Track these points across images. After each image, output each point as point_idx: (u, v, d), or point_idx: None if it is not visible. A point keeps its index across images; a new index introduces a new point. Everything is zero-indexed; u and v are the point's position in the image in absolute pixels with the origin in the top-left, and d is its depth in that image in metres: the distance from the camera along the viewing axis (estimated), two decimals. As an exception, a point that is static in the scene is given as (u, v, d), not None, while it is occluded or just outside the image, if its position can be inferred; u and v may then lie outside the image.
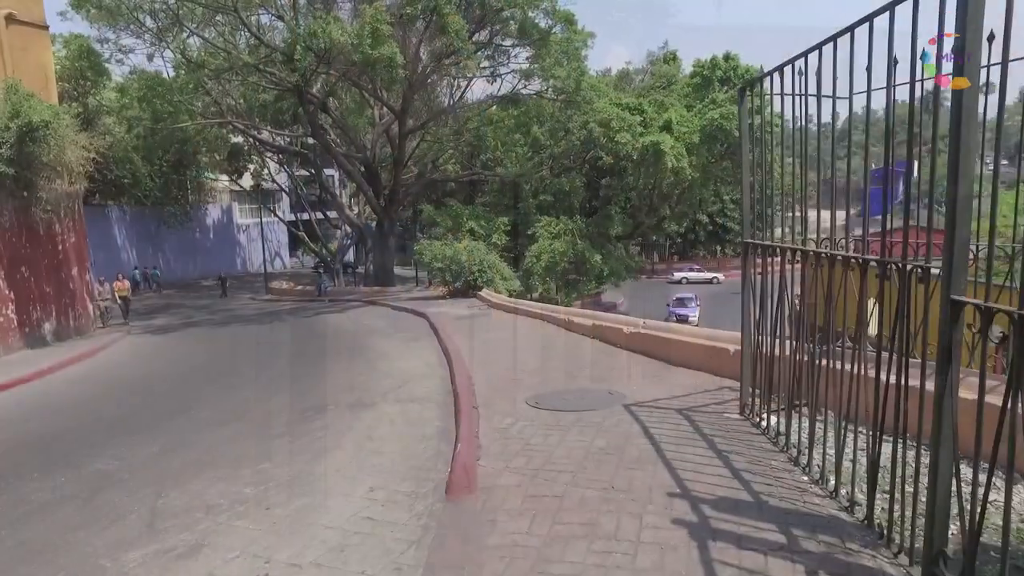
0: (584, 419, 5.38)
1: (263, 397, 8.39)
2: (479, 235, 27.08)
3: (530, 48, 27.78)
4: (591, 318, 10.36)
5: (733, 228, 60.22)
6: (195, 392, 9.26)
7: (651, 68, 38.15)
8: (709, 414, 5.29)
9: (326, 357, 11.80)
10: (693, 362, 7.12)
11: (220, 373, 10.94)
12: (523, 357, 8.79)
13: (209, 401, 8.42)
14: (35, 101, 15.77)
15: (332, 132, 32.86)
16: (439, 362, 9.78)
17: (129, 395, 9.53)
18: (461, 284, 21.35)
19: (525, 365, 8.22)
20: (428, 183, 33.08)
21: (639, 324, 8.80)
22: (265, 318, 21.66)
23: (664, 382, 6.60)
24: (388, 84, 22.09)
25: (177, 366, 12.60)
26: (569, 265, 28.89)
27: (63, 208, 18.48)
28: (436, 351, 10.98)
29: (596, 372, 7.43)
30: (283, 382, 9.42)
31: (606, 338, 9.46)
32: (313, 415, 6.96)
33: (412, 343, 12.45)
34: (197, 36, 22.40)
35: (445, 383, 7.92)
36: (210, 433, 6.64)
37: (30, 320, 16.69)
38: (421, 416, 6.44)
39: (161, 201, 37.14)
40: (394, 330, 15.41)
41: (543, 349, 9.34)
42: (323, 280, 29.57)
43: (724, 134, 25.92)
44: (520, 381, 7.17)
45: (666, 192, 30.05)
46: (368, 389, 8.23)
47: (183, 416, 7.54)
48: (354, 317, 19.76)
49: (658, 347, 7.93)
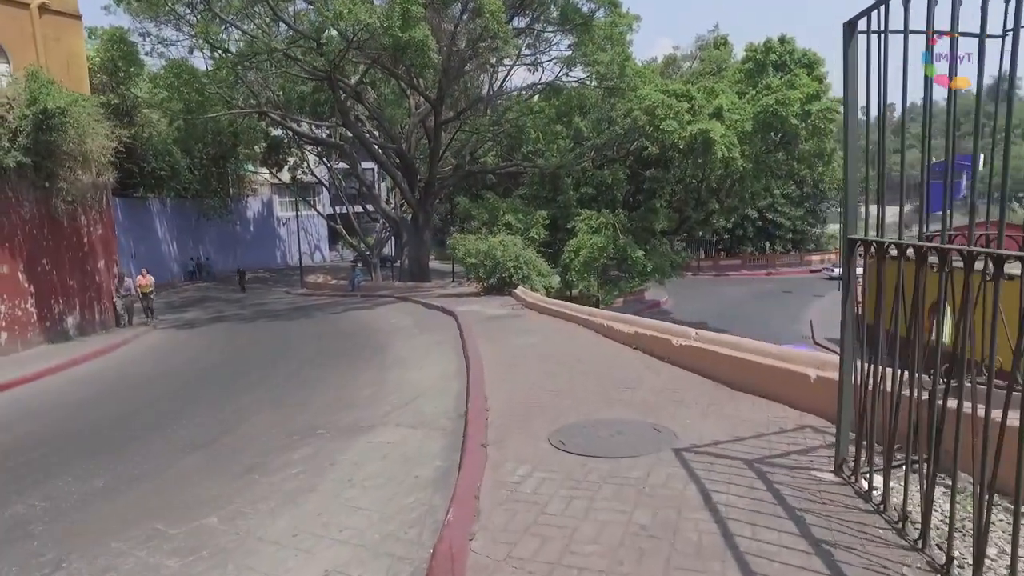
0: (622, 471, 4.09)
1: (256, 411, 7.38)
2: (516, 229, 25.84)
3: (571, 35, 26.37)
4: (632, 324, 9.01)
5: (783, 224, 57.50)
6: (187, 402, 8.33)
7: (700, 54, 36.14)
8: (791, 469, 3.94)
9: (339, 362, 10.78)
10: (761, 387, 5.74)
11: (224, 377, 10.03)
12: (553, 370, 7.52)
13: (196, 414, 7.46)
14: (55, 88, 15.23)
15: (368, 124, 32.14)
16: (458, 371, 8.62)
17: (116, 403, 8.68)
18: (495, 281, 20.18)
19: (554, 381, 6.96)
20: (465, 175, 31.99)
21: (690, 335, 7.43)
22: (293, 314, 20.96)
23: (724, 414, 5.25)
24: (420, 69, 21.03)
25: (184, 367, 11.79)
26: (610, 261, 27.39)
27: (89, 199, 18.01)
28: (458, 357, 9.83)
29: (638, 395, 6.11)
30: (284, 391, 8.42)
31: (651, 350, 8.11)
32: (299, 440, 5.89)
33: (434, 347, 11.34)
34: (234, 27, 21.75)
35: (459, 401, 6.75)
36: (175, 462, 5.63)
37: (51, 314, 16.25)
38: (420, 450, 5.27)
39: (201, 194, 37.08)
40: (419, 330, 14.36)
41: (577, 360, 8.05)
42: (356, 275, 28.81)
43: (780, 121, 23.98)
44: (545, 405, 5.92)
45: (715, 185, 28.21)
46: (372, 405, 7.12)
47: (157, 435, 6.57)
48: (382, 314, 18.83)
49: (715, 365, 6.56)
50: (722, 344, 6.73)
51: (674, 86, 26.30)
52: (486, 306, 17.04)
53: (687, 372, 6.96)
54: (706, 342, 7.03)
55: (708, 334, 7.22)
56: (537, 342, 9.85)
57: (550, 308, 13.38)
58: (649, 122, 24.85)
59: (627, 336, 8.90)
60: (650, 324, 8.56)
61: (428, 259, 31.46)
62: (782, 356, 5.75)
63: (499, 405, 6.00)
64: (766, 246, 59.79)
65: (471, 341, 10.42)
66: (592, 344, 9.20)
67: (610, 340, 9.42)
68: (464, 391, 7.04)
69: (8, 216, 14.86)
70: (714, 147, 22.90)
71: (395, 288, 27.25)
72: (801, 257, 59.03)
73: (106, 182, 19.29)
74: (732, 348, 6.47)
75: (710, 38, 36.33)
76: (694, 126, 23.50)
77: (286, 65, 24.04)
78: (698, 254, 58.13)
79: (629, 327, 8.97)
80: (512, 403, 6.09)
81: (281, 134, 37.01)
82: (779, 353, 5.83)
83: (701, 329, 7.58)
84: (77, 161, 15.98)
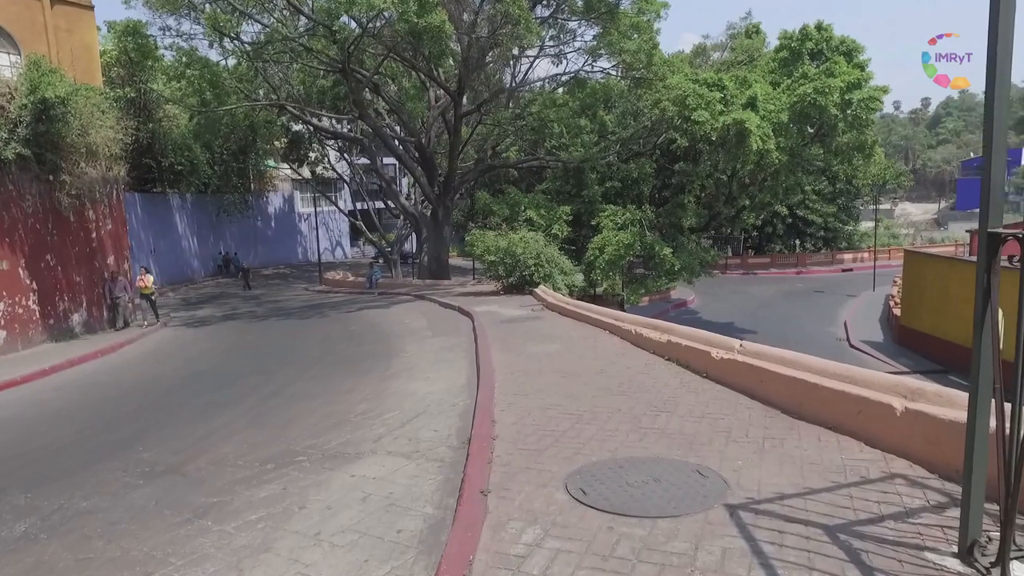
0: (661, 541, 3.10)
1: (235, 429, 6.53)
2: (538, 225, 24.84)
3: (596, 25, 25.25)
4: (665, 332, 7.97)
5: (815, 221, 55.55)
6: (166, 415, 7.52)
7: (731, 43, 34.66)
8: (894, 546, 2.92)
9: (340, 368, 9.92)
10: (827, 417, 4.69)
11: (214, 386, 9.22)
12: (573, 387, 6.54)
13: (167, 433, 6.64)
14: (56, 77, 14.63)
15: (388, 118, 31.38)
16: (468, 383, 7.69)
17: (91, 415, 7.88)
18: (515, 279, 19.23)
19: (575, 401, 5.98)
20: (486, 169, 31.03)
21: (734, 346, 6.38)
22: (306, 312, 20.27)
23: (785, 452, 4.23)
24: (438, 57, 20.11)
25: (178, 372, 11.04)
26: (636, 259, 26.22)
27: (98, 194, 17.45)
28: (469, 366, 8.91)
29: (675, 422, 5.11)
30: (271, 405, 7.58)
31: (687, 362, 7.09)
32: (272, 471, 5.01)
33: (446, 353, 10.43)
34: (251, 18, 21.04)
35: (465, 421, 5.82)
36: (122, 498, 4.77)
37: (55, 312, 15.70)
38: (410, 490, 4.33)
39: (221, 189, 36.72)
40: (432, 333, 13.49)
41: (602, 375, 7.05)
42: (374, 272, 28.06)
43: (819, 111, 22.55)
44: (563, 433, 4.95)
45: (747, 180, 26.84)
46: (365, 425, 6.22)
47: (117, 459, 5.74)
48: (396, 314, 18.01)
49: (766, 385, 5.53)
50: (774, 359, 5.67)
51: (705, 75, 25.00)
52: (505, 306, 16.13)
53: (731, 392, 5.92)
54: (754, 356, 5.98)
55: (755, 346, 6.16)
56: (557, 351, 8.87)
57: (572, 310, 12.38)
58: (679, 113, 23.60)
59: (659, 345, 7.88)
60: (686, 332, 7.52)
61: (448, 256, 30.60)
62: (853, 378, 4.69)
63: (509, 432, 5.05)
64: (796, 244, 57.80)
65: (484, 348, 9.50)
66: (619, 354, 8.19)
67: (639, 349, 8.40)
68: (471, 410, 6.12)
69: (8, 210, 14.30)
70: (749, 139, 21.58)
71: (413, 286, 26.47)
72: (832, 256, 56.98)
73: (117, 176, 18.73)
74: (787, 365, 5.42)
75: (742, 26, 34.86)
76: (727, 116, 22.20)
77: (304, 57, 23.39)
78: (725, 252, 56.46)
79: (661, 335, 7.94)
80: (524, 429, 5.13)
81: (302, 129, 36.48)
82: (849, 374, 4.76)
83: (745, 341, 6.52)
84: (81, 154, 15.39)
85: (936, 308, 25.43)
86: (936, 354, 25.00)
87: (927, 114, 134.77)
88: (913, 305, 27.57)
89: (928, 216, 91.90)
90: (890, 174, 58.52)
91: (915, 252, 30.40)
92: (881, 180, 54.27)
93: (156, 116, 29.03)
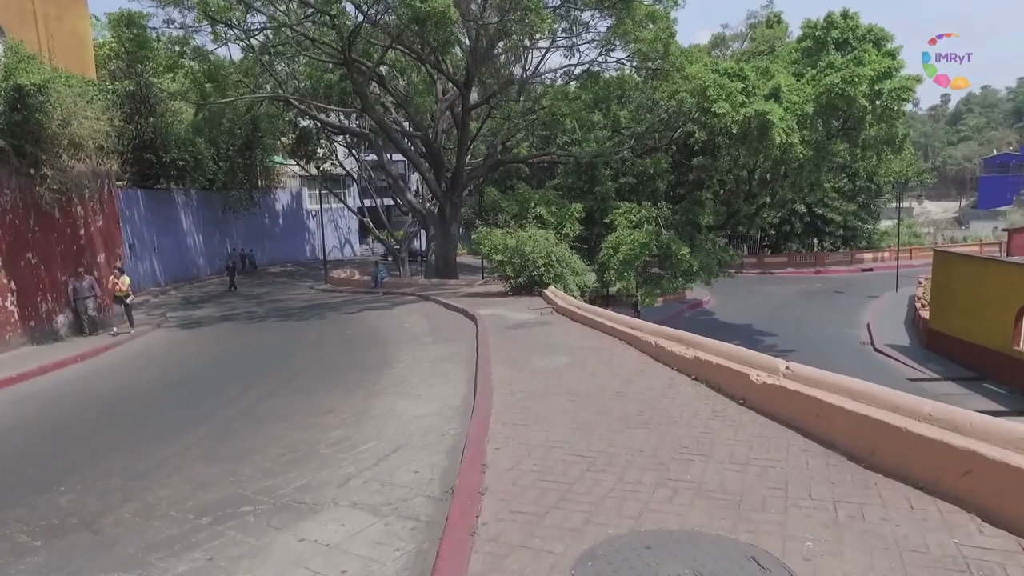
0: None
1: (183, 462, 5.50)
2: (548, 223, 23.75)
3: (610, 16, 24.12)
4: (692, 347, 6.87)
5: (834, 220, 53.95)
6: (112, 441, 6.48)
7: (751, 33, 33.30)
8: None
9: (324, 380, 8.91)
10: (916, 471, 3.59)
11: (184, 400, 8.21)
12: (585, 416, 5.48)
13: (104, 465, 5.60)
14: (34, 63, 13.73)
15: (395, 112, 30.44)
16: (462, 406, 6.66)
17: (29, 439, 6.81)
18: (524, 280, 18.18)
19: (586, 437, 4.92)
20: (495, 165, 29.96)
21: (778, 369, 5.28)
22: (305, 313, 19.36)
23: (871, 529, 3.14)
24: (443, 45, 19.06)
25: (154, 382, 10.07)
26: (651, 258, 25.03)
27: (87, 189, 16.59)
28: (467, 381, 7.88)
29: (714, 472, 4.03)
30: (236, 428, 6.57)
31: (718, 384, 6.00)
32: (204, 531, 3.99)
33: (443, 364, 9.40)
34: (253, 9, 20.08)
35: (454, 458, 4.80)
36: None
37: (36, 313, 14.83)
38: (367, 570, 3.30)
39: (227, 185, 35.94)
40: (432, 339, 12.48)
41: (618, 398, 5.98)
42: (379, 271, 27.10)
43: (847, 102, 21.23)
44: (571, 489, 3.89)
45: (769, 175, 25.55)
46: (334, 461, 5.20)
47: (23, 508, 4.64)
48: (398, 316, 17.04)
49: (827, 421, 4.43)
50: (834, 388, 4.57)
51: (725, 64, 23.74)
52: (512, 309, 15.10)
53: (777, 426, 4.83)
54: (806, 382, 4.88)
55: (806, 370, 5.05)
56: (566, 365, 7.80)
57: (584, 316, 11.29)
58: (697, 104, 22.38)
59: (684, 362, 6.78)
60: (716, 348, 6.41)
61: (456, 254, 29.59)
62: (955, 423, 3.57)
63: (503, 482, 4.00)
64: (814, 243, 56.19)
65: (485, 360, 8.45)
66: (637, 371, 7.11)
67: (660, 365, 7.31)
68: (461, 442, 5.08)
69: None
70: (771, 131, 20.31)
71: (419, 286, 25.51)
72: (852, 255, 55.34)
73: (108, 171, 17.92)
74: (854, 398, 4.31)
75: (763, 15, 33.47)
76: (749, 108, 20.94)
77: (307, 48, 22.47)
78: (741, 251, 55.00)
79: (687, 350, 6.84)
80: (522, 478, 4.07)
81: (309, 125, 35.65)
82: (949, 417, 3.64)
83: (792, 362, 5.40)
84: (62, 146, 14.50)
85: (968, 311, 24.09)
86: (968, 359, 23.70)
87: (947, 110, 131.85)
88: (942, 307, 26.23)
89: (948, 215, 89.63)
90: (913, 171, 56.72)
91: (945, 252, 28.95)
92: (903, 177, 52.51)
93: (158, 111, 28.24)
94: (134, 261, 28.59)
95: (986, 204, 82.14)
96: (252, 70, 26.30)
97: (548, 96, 28.44)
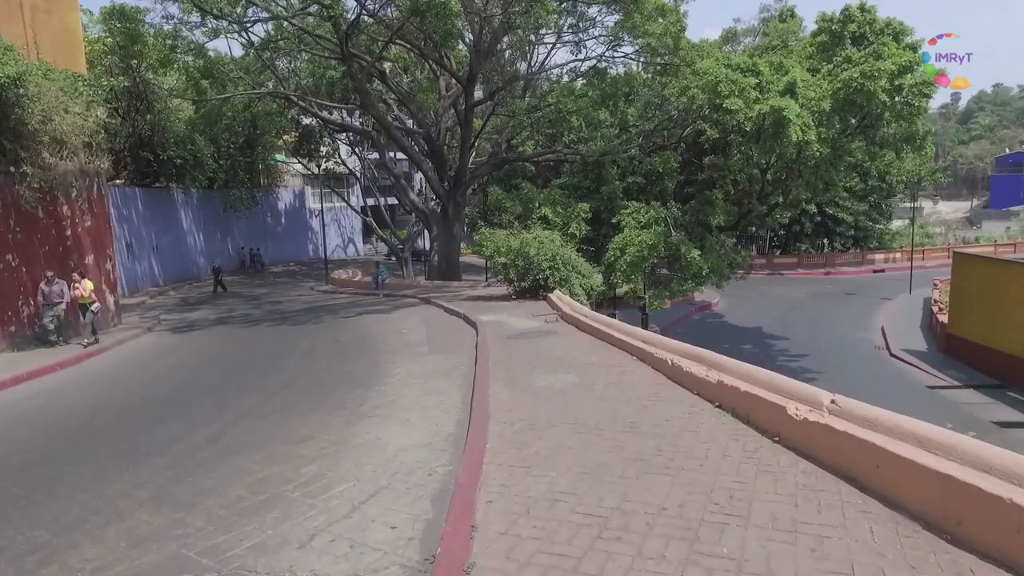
0: None
1: (124, 509, 4.71)
2: (554, 224, 22.97)
3: (618, 11, 23.31)
4: (715, 368, 6.07)
5: (844, 220, 52.89)
6: (52, 477, 5.62)
7: (763, 28, 32.38)
8: None
9: (305, 398, 8.15)
10: (1019, 551, 2.82)
11: (150, 422, 7.42)
12: (595, 454, 4.71)
13: (28, 514, 4.80)
14: (11, 55, 13.02)
15: (398, 110, 29.73)
16: (455, 433, 5.90)
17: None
18: (529, 283, 17.42)
19: (598, 484, 4.15)
20: (499, 163, 29.17)
21: (821, 402, 4.49)
22: (302, 317, 18.65)
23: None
24: (444, 38, 18.30)
25: (126, 398, 9.31)
26: (659, 260, 24.19)
27: (73, 188, 15.93)
28: (463, 402, 7.12)
29: (755, 543, 3.25)
30: (198, 460, 5.79)
31: (747, 415, 5.21)
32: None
33: (438, 380, 8.64)
34: (251, 2, 19.35)
35: (438, 511, 4.04)
36: None
37: (17, 317, 14.15)
38: None
39: (228, 184, 35.30)
40: (429, 348, 11.73)
41: (633, 431, 5.20)
42: (380, 272, 26.38)
43: (866, 98, 20.34)
44: (578, 570, 3.12)
45: (784, 174, 24.66)
46: (300, 508, 4.45)
47: None
48: (396, 321, 16.31)
49: (890, 475, 3.64)
50: (893, 431, 3.77)
51: (738, 59, 22.88)
52: (515, 315, 14.34)
53: (825, 474, 4.05)
54: (860, 422, 4.08)
55: (857, 406, 4.25)
56: (572, 386, 7.02)
57: (592, 326, 10.50)
58: (709, 101, 21.53)
59: (705, 385, 5.99)
60: (744, 372, 5.61)
61: (458, 255, 28.84)
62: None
63: (494, 558, 3.24)
64: (824, 243, 55.12)
65: (483, 377, 7.69)
66: (652, 394, 6.32)
67: (677, 387, 6.52)
68: (448, 485, 4.32)
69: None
70: (787, 129, 19.46)
71: (421, 287, 24.77)
72: (863, 256, 54.25)
73: (98, 169, 17.27)
74: (926, 448, 3.52)
75: (776, 9, 32.55)
76: (763, 104, 20.09)
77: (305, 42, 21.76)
78: (750, 252, 54.01)
79: (708, 372, 6.04)
80: (519, 551, 3.31)
81: (312, 123, 34.97)
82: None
83: (838, 395, 4.60)
84: (43, 143, 13.81)
85: (990, 315, 23.15)
86: (990, 367, 22.75)
87: (957, 109, 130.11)
88: (962, 311, 25.27)
89: (959, 215, 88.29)
90: (926, 170, 55.62)
91: (964, 254, 27.98)
92: (916, 177, 51.43)
93: (156, 108, 27.57)
94: (132, 261, 27.97)
95: (998, 204, 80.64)
96: (253, 67, 25.64)
97: (554, 93, 27.64)
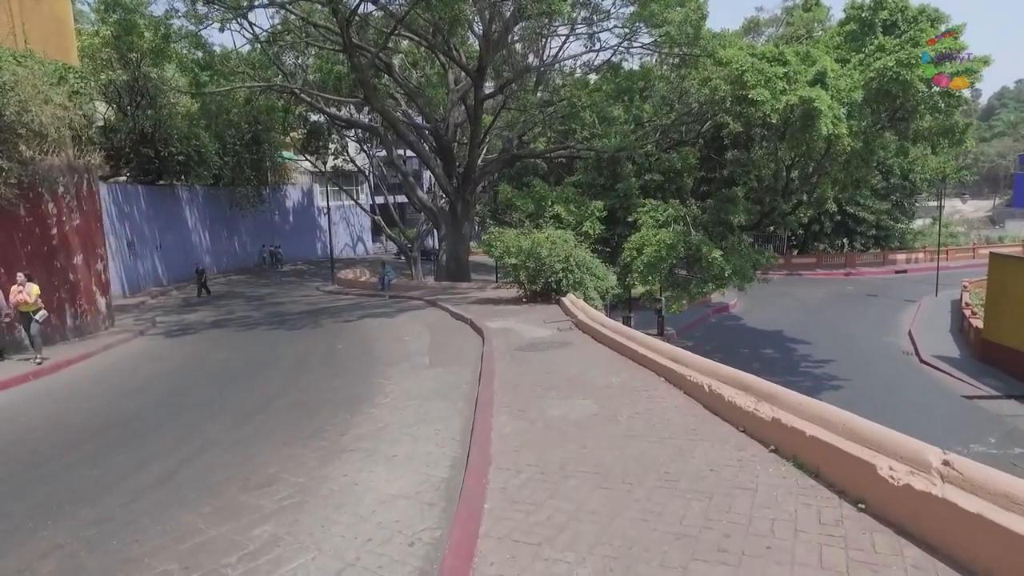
0: None
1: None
2: (567, 222, 21.84)
3: (633, 2, 22.16)
4: (765, 400, 4.93)
5: (866, 219, 51.18)
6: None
7: (787, 17, 30.99)
8: None
9: (284, 426, 7.09)
10: None
11: (97, 453, 6.41)
12: (624, 525, 3.60)
13: None
14: (-12, 43, 12.16)
15: (406, 105, 28.75)
16: (447, 482, 4.82)
17: None
18: (540, 286, 16.33)
19: None
20: (510, 160, 28.06)
21: (928, 463, 3.35)
22: (301, 320, 17.69)
23: None
24: (451, 26, 17.24)
25: (88, 419, 8.30)
26: (678, 260, 22.97)
27: (60, 184, 15.08)
28: (461, 434, 6.04)
29: None
30: (134, 513, 4.75)
31: (817, 469, 4.08)
32: None
33: (435, 403, 7.56)
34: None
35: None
36: None
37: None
38: None
39: (235, 182, 34.52)
40: (430, 359, 10.66)
41: (671, 487, 4.08)
42: (386, 272, 25.38)
43: (903, 88, 19.01)
44: None
45: (812, 170, 23.32)
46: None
47: None
48: (398, 327, 15.27)
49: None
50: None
51: (763, 48, 21.60)
52: (526, 321, 13.25)
53: (946, 569, 2.92)
54: (987, 497, 2.96)
55: (981, 472, 3.12)
56: (591, 417, 5.91)
57: (611, 337, 9.36)
58: (732, 92, 20.27)
59: (754, 421, 4.85)
60: (806, 409, 4.46)
61: (468, 255, 27.79)
62: None
63: None
64: (844, 243, 53.41)
65: (486, 405, 6.58)
66: (689, 430, 5.20)
67: (717, 419, 5.39)
68: (439, 559, 3.25)
69: (-73, 203, 11.90)
70: (819, 121, 18.18)
71: (428, 289, 23.77)
72: (884, 256, 52.51)
73: (88, 164, 16.43)
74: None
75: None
76: (791, 95, 18.81)
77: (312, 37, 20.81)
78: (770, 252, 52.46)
79: (759, 405, 4.90)
80: None
81: (320, 119, 34.11)
82: None
83: (950, 454, 3.45)
84: (20, 135, 12.91)
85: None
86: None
87: (979, 105, 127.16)
88: (999, 316, 23.85)
89: (981, 213, 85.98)
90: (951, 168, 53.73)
91: (1003, 255, 26.48)
92: (942, 174, 49.66)
93: (157, 103, 26.74)
94: (133, 260, 27.21)
95: (1022, 202, 78.38)
96: (260, 61, 24.80)
97: (567, 87, 26.48)
